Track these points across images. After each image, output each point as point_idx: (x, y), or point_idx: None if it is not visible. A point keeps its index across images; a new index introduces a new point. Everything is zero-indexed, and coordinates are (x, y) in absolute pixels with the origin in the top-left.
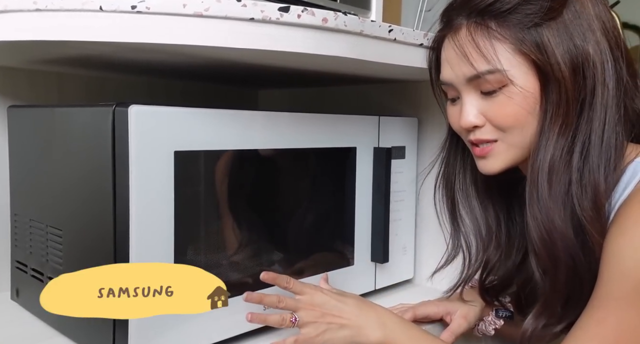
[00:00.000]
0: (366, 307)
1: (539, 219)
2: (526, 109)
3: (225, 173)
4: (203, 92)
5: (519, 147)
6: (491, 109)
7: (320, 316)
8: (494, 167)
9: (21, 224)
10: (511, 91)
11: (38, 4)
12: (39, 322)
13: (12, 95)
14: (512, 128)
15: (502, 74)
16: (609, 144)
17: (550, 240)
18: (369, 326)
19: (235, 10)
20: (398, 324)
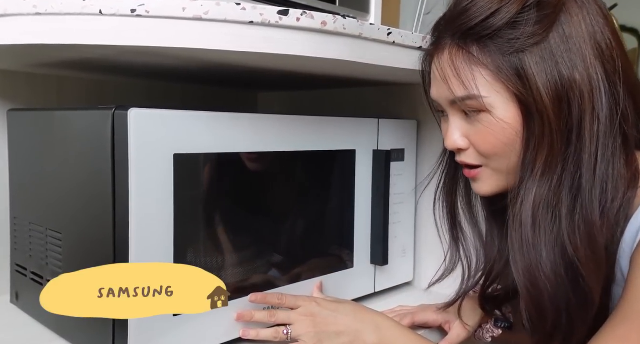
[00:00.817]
0: (361, 312)
1: (523, 267)
2: (504, 139)
3: (224, 176)
4: (202, 95)
5: (505, 173)
6: (473, 134)
7: (315, 326)
8: (483, 190)
9: (21, 227)
10: (489, 119)
11: (38, 7)
12: (38, 325)
13: (12, 98)
14: (494, 156)
15: (478, 102)
16: (604, 175)
17: (534, 289)
18: (365, 331)
19: (234, 13)
20: (393, 329)
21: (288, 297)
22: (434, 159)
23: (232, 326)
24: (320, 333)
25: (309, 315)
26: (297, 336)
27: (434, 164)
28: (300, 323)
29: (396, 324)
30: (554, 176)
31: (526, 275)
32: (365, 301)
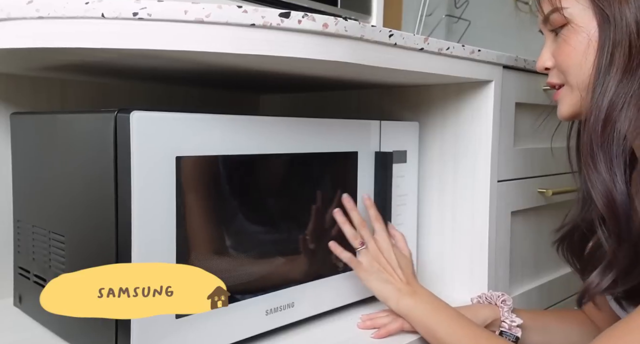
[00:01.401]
0: (412, 280)
1: (595, 175)
2: (580, 48)
3: (226, 178)
4: (204, 98)
5: (580, 89)
6: (556, 50)
7: (378, 259)
8: (561, 112)
9: (24, 231)
10: (569, 31)
11: (41, 11)
12: (41, 328)
13: (15, 102)
14: (569, 68)
15: (559, 13)
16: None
17: (607, 195)
18: (406, 294)
19: (236, 16)
20: (429, 304)
21: (377, 221)
22: (436, 161)
23: (234, 328)
24: (377, 267)
25: (378, 252)
26: (364, 253)
27: (435, 165)
28: (370, 251)
29: (434, 302)
30: (629, 88)
31: (596, 181)
32: (367, 303)
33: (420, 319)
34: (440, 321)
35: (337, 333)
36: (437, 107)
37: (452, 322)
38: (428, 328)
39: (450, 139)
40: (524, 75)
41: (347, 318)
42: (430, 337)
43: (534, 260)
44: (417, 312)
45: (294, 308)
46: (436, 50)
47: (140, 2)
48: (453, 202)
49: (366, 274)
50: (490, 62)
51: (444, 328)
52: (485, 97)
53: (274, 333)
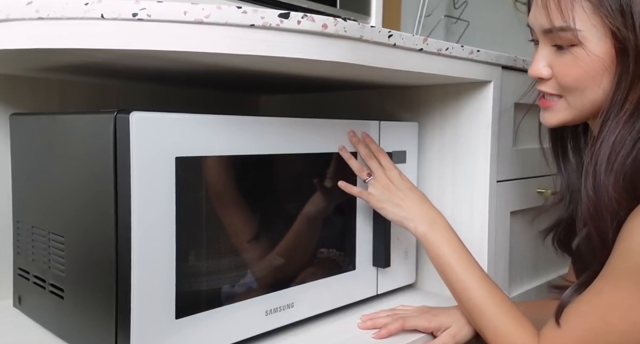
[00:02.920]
0: (426, 204)
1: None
2: (590, 73)
3: (226, 179)
4: (204, 98)
5: (577, 109)
6: (559, 64)
7: (389, 187)
8: (550, 121)
9: (23, 231)
10: (579, 53)
11: (40, 12)
12: (41, 329)
13: (14, 102)
14: (572, 89)
15: (572, 34)
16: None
17: (597, 215)
18: (420, 219)
19: (235, 16)
20: (445, 230)
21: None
22: (435, 161)
23: (234, 328)
24: (388, 194)
25: (388, 180)
26: (373, 184)
27: (434, 165)
28: (380, 180)
29: (449, 229)
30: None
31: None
32: (367, 303)
33: (433, 251)
34: (453, 256)
35: (337, 333)
36: (436, 107)
37: (464, 260)
38: (439, 259)
39: (450, 140)
40: (523, 76)
41: (347, 318)
42: (440, 267)
43: (533, 260)
44: (432, 241)
45: (294, 308)
46: (435, 51)
47: (140, 2)
48: (452, 203)
49: (380, 203)
50: (489, 62)
51: (455, 263)
52: (484, 97)
53: (274, 333)
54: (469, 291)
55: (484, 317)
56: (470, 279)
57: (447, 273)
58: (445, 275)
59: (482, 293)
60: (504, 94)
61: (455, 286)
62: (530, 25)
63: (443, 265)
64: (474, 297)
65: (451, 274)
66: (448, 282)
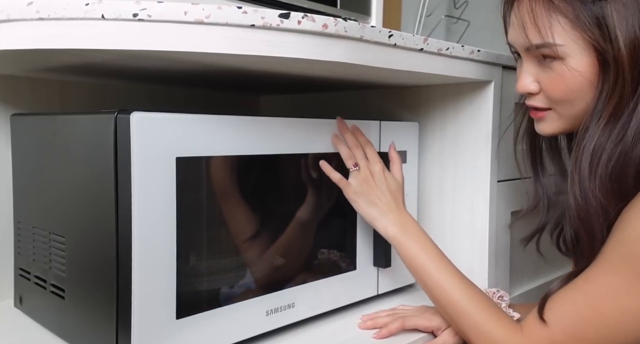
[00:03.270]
0: (401, 208)
1: (578, 200)
2: (574, 87)
3: (226, 179)
4: (204, 99)
5: (570, 118)
6: (545, 78)
7: (368, 181)
8: (546, 130)
9: (24, 232)
10: (562, 68)
11: (41, 12)
12: (42, 329)
13: (15, 103)
14: (561, 102)
15: (553, 50)
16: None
17: (586, 218)
18: (391, 221)
19: (235, 17)
20: (417, 233)
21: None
22: (435, 161)
23: (235, 328)
24: (366, 189)
25: (369, 174)
26: (352, 176)
27: (435, 165)
28: (362, 172)
29: (420, 233)
30: (617, 125)
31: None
32: (368, 303)
33: (407, 254)
34: (427, 258)
35: (338, 333)
36: (437, 107)
37: (438, 261)
38: (413, 262)
39: (450, 140)
40: None
41: (348, 318)
42: (414, 270)
43: (534, 260)
44: (405, 244)
45: (294, 308)
46: (436, 51)
47: (140, 3)
48: (453, 203)
49: (354, 195)
50: (489, 62)
51: (430, 264)
52: (485, 97)
53: (275, 333)
54: (446, 292)
55: (464, 316)
56: (447, 279)
57: (422, 275)
58: (420, 278)
59: (460, 293)
60: (504, 94)
61: (431, 287)
62: (510, 42)
63: (417, 267)
64: (452, 297)
65: (426, 276)
66: (424, 284)
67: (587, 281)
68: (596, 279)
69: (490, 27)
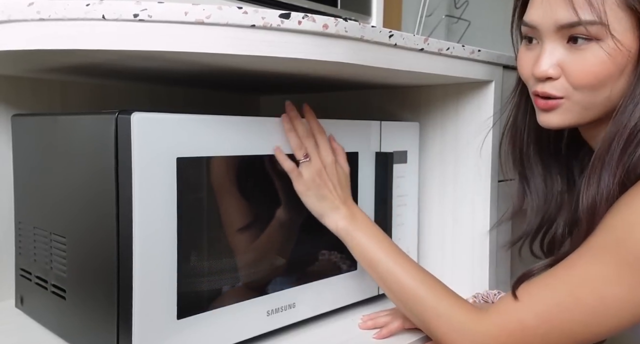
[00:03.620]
0: (350, 199)
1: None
2: (606, 72)
3: (227, 179)
4: (205, 99)
5: (585, 108)
6: (572, 63)
7: (320, 174)
8: (553, 122)
9: (25, 232)
10: (604, 47)
11: (41, 13)
12: (43, 329)
13: (16, 104)
14: (585, 87)
15: (602, 27)
16: None
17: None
18: (341, 215)
19: (236, 17)
20: (367, 225)
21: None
22: (436, 161)
23: (236, 329)
24: (317, 183)
25: (321, 166)
26: (305, 167)
27: (435, 165)
28: (313, 164)
29: (369, 225)
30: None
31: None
32: (368, 303)
33: (358, 246)
34: (379, 248)
35: (338, 333)
36: (438, 107)
37: (390, 251)
38: (365, 254)
39: (451, 140)
40: None
41: (348, 318)
42: (367, 262)
43: (535, 261)
44: (356, 239)
45: (295, 308)
46: (436, 51)
47: (141, 3)
48: (454, 203)
49: (305, 188)
50: (490, 62)
51: (382, 254)
52: (485, 97)
53: (275, 333)
54: (400, 281)
55: (421, 304)
56: (401, 268)
57: (375, 267)
58: (373, 269)
59: (416, 281)
60: (505, 94)
61: (385, 278)
62: (534, 22)
63: (370, 260)
64: (407, 285)
65: (379, 267)
66: (377, 275)
67: (568, 267)
68: (578, 266)
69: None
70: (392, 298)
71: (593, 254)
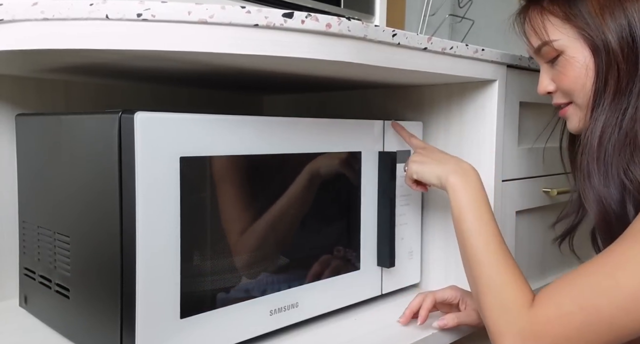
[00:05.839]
0: (462, 163)
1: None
2: (577, 75)
3: (230, 178)
4: (208, 99)
5: (586, 108)
6: (556, 75)
7: (424, 154)
8: (572, 126)
9: (29, 231)
10: (563, 60)
11: (45, 13)
12: (47, 329)
13: (20, 103)
14: (573, 92)
15: (551, 46)
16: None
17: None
18: (453, 174)
19: (239, 16)
20: (474, 187)
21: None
22: None
23: (239, 328)
24: (425, 158)
25: (423, 147)
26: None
27: None
28: (415, 155)
29: (478, 190)
30: (620, 107)
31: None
32: (372, 303)
33: (457, 204)
34: (473, 216)
35: (341, 333)
36: (441, 106)
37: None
38: (460, 217)
39: (454, 139)
40: (528, 75)
41: (351, 318)
42: (457, 225)
43: (539, 260)
44: (459, 195)
45: (298, 308)
46: (440, 50)
47: (144, 3)
48: None
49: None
50: (494, 61)
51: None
52: (489, 96)
53: (278, 333)
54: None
55: (482, 271)
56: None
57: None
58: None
59: (489, 250)
60: (509, 93)
61: (464, 237)
62: (530, 55)
63: (460, 220)
64: (480, 251)
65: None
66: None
67: (608, 253)
68: (617, 251)
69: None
70: (462, 259)
71: (633, 238)
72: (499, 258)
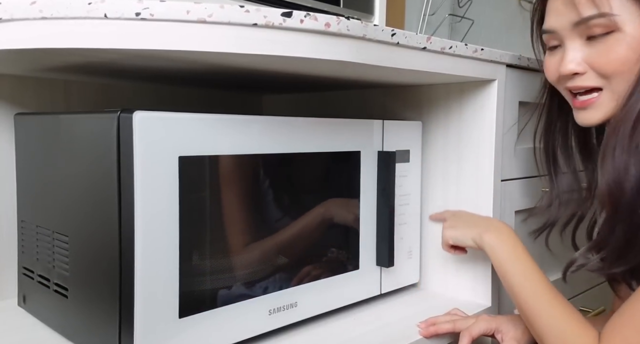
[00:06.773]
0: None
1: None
2: (631, 56)
3: (230, 178)
4: (207, 98)
5: (621, 96)
6: (595, 55)
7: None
8: (593, 118)
9: (28, 231)
10: (618, 37)
11: (44, 12)
12: (45, 328)
13: (19, 102)
14: (615, 74)
15: (609, 19)
16: None
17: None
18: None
19: (238, 16)
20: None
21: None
22: (439, 160)
23: (237, 328)
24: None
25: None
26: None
27: (438, 165)
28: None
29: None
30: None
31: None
32: (371, 302)
33: (498, 261)
34: (516, 269)
35: (340, 332)
36: (440, 106)
37: (527, 274)
38: (504, 271)
39: (454, 139)
40: (527, 74)
41: (350, 317)
42: (503, 280)
43: (539, 260)
44: (497, 252)
45: (297, 307)
46: (439, 50)
47: (143, 2)
48: (456, 202)
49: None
50: (493, 61)
51: (517, 278)
52: (488, 96)
53: (277, 332)
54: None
55: (541, 322)
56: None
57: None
58: (507, 284)
59: (542, 300)
60: (508, 93)
61: (513, 291)
62: (552, 27)
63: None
64: (533, 302)
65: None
66: (509, 288)
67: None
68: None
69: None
70: (518, 310)
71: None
72: (552, 304)
